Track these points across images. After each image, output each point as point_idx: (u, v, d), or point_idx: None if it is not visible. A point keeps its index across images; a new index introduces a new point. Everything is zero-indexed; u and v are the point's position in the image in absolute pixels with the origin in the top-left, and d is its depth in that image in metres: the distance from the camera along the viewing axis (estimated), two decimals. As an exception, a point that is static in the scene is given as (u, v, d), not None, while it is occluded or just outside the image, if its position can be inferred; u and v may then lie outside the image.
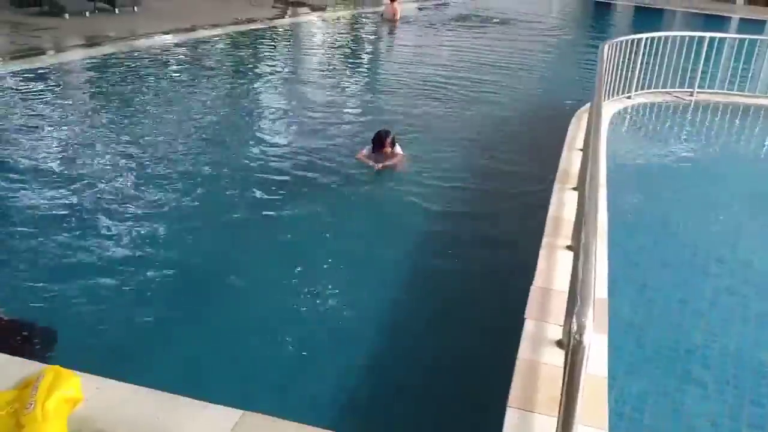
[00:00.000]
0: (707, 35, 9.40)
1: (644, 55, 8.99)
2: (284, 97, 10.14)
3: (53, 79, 10.05)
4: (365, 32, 18.11)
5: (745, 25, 21.96)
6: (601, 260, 4.16)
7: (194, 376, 3.66)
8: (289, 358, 3.90)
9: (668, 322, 4.36)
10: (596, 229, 2.89)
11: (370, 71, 13.09)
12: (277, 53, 13.96)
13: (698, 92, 9.73)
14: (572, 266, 3.25)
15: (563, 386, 2.27)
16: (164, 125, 8.10)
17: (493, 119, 9.16)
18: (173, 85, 10.25)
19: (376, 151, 6.86)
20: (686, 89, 9.74)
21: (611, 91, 8.86)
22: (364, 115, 9.15)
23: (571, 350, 2.17)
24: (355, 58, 14.17)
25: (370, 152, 6.90)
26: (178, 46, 13.01)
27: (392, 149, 6.85)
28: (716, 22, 22.73)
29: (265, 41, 14.74)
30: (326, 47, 15.15)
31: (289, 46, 15.07)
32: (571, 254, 4.14)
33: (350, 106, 9.70)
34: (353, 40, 16.82)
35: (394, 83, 11.35)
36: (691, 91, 9.71)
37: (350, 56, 14.18)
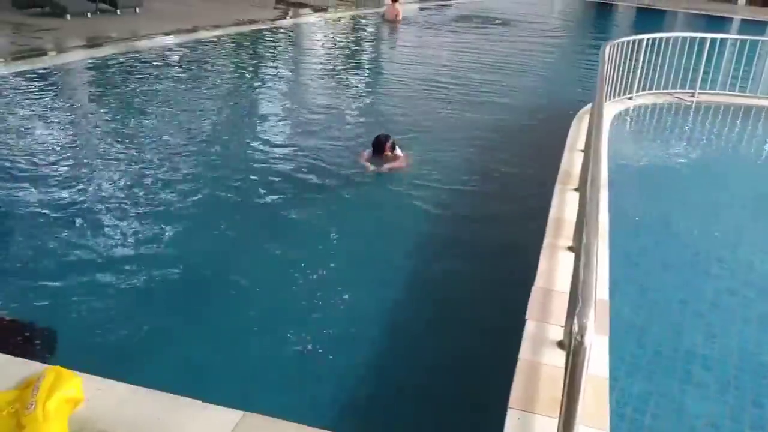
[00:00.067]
0: (709, 36, 9.38)
1: (645, 55, 8.99)
2: (285, 98, 10.15)
3: (55, 79, 10.07)
4: (367, 33, 18.12)
5: (746, 26, 21.96)
6: (602, 261, 4.16)
7: (195, 376, 3.66)
8: (289, 358, 3.90)
9: (669, 323, 4.36)
10: (597, 230, 2.88)
11: (371, 72, 13.10)
12: (278, 54, 13.97)
13: (700, 93, 9.71)
14: (573, 267, 3.25)
15: (564, 387, 2.27)
16: (165, 126, 8.10)
17: (494, 120, 9.16)
18: (174, 86, 10.26)
19: (376, 154, 6.88)
20: (688, 90, 9.73)
21: (612, 92, 8.86)
22: (365, 116, 9.15)
23: (572, 351, 2.17)
24: (356, 59, 14.17)
25: (370, 155, 6.92)
26: (179, 47, 13.03)
27: (392, 153, 6.86)
28: (717, 22, 22.73)
29: (266, 42, 14.75)
30: (328, 48, 15.17)
31: (290, 47, 15.08)
32: (572, 255, 4.14)
33: (351, 107, 9.70)
34: (355, 41, 16.83)
35: (395, 84, 11.35)
36: (692, 92, 9.70)
37: (352, 57, 14.19)
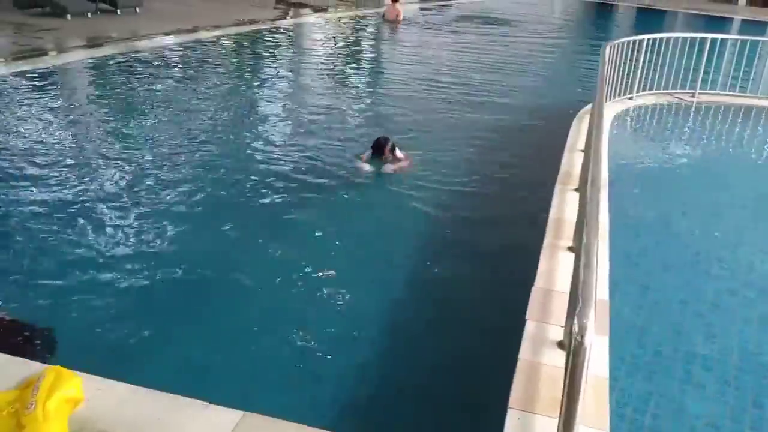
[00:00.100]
0: (709, 36, 9.38)
1: (646, 55, 8.99)
2: (285, 98, 10.15)
3: (55, 79, 10.06)
4: (367, 33, 18.12)
5: (746, 26, 21.97)
6: (602, 261, 4.16)
7: (195, 376, 3.66)
8: (289, 358, 3.90)
9: (669, 323, 4.36)
10: (597, 230, 2.88)
11: (371, 72, 13.09)
12: (278, 55, 13.97)
13: (700, 93, 9.71)
14: (573, 267, 3.25)
15: (564, 387, 2.27)
16: (165, 126, 8.11)
17: (494, 120, 9.16)
18: (175, 86, 10.26)
19: (375, 157, 6.88)
20: (688, 90, 9.73)
21: (613, 92, 8.86)
22: (366, 116, 9.15)
23: (572, 351, 2.17)
24: (357, 59, 14.17)
25: (369, 157, 6.92)
26: (179, 47, 13.03)
27: (392, 155, 6.86)
28: (718, 23, 22.74)
29: (266, 42, 14.76)
30: (328, 49, 15.16)
31: (290, 47, 15.08)
32: (572, 255, 4.14)
33: (352, 107, 9.69)
34: (355, 41, 16.82)
35: (395, 84, 11.35)
36: (693, 92, 9.70)
37: (352, 58, 14.19)
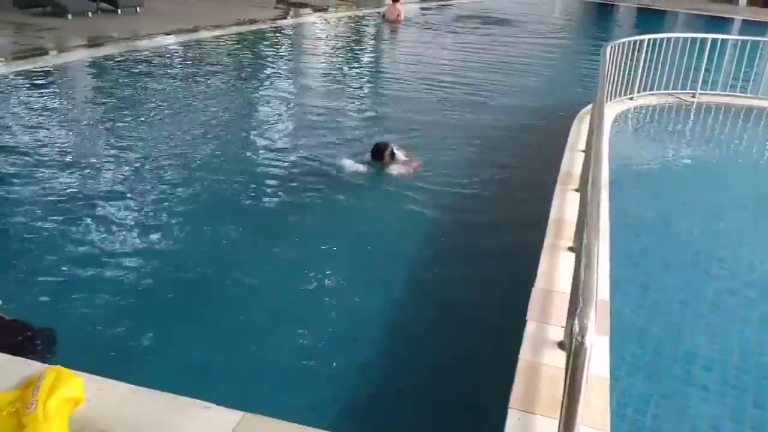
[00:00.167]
0: (710, 37, 9.38)
1: (647, 56, 8.99)
2: (286, 98, 10.14)
3: (56, 79, 10.06)
4: (368, 33, 18.12)
5: (747, 26, 21.96)
6: (602, 262, 4.16)
7: (195, 376, 3.66)
8: (289, 358, 3.90)
9: (670, 323, 4.35)
10: (598, 230, 2.88)
11: (372, 72, 13.08)
12: (279, 54, 13.97)
13: (701, 94, 9.70)
14: (574, 268, 3.25)
15: (565, 388, 2.27)
16: (165, 125, 8.11)
17: (494, 120, 9.16)
18: (175, 85, 10.25)
19: (375, 161, 6.87)
20: (689, 90, 9.72)
21: (614, 92, 8.86)
22: (367, 117, 9.15)
23: (572, 352, 2.16)
24: (358, 59, 14.16)
25: (369, 160, 6.90)
26: (180, 46, 13.03)
27: (392, 159, 6.85)
28: (718, 23, 22.73)
29: (267, 42, 14.76)
30: (329, 48, 15.15)
31: (291, 47, 15.08)
32: (572, 256, 4.14)
33: (353, 107, 9.69)
34: (356, 41, 16.82)
35: (396, 84, 11.35)
36: (693, 92, 9.69)
37: (353, 58, 14.18)
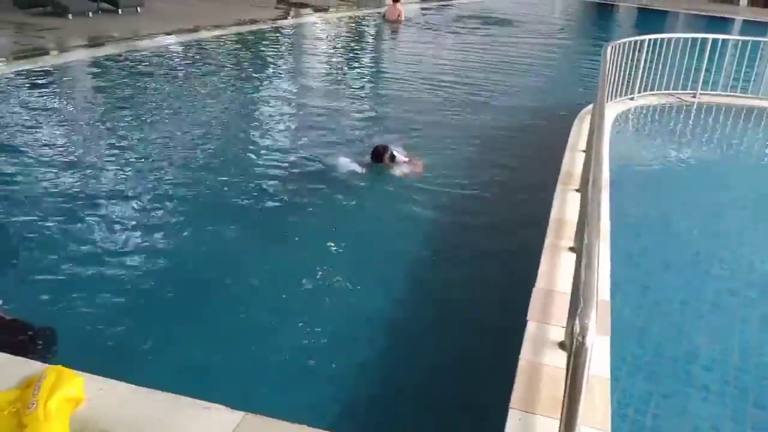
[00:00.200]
0: (710, 37, 9.37)
1: (647, 56, 8.99)
2: (287, 98, 10.14)
3: (56, 79, 10.06)
4: (368, 34, 18.12)
5: (748, 26, 21.96)
6: (603, 262, 4.16)
7: (196, 376, 3.65)
8: (290, 358, 3.89)
9: (671, 323, 4.35)
10: (599, 230, 2.88)
11: (373, 73, 13.08)
12: (280, 54, 13.98)
13: (701, 94, 9.70)
14: (575, 268, 3.25)
15: (566, 388, 2.27)
16: (165, 125, 8.11)
17: (495, 120, 9.16)
18: (175, 86, 10.26)
19: (374, 164, 6.87)
20: (689, 91, 9.72)
21: (614, 92, 8.86)
22: (368, 117, 9.15)
23: (573, 352, 2.16)
24: (358, 60, 14.16)
25: (369, 163, 6.91)
26: (181, 46, 13.03)
27: (391, 162, 6.85)
28: (719, 23, 22.74)
29: (267, 42, 14.76)
30: (329, 49, 15.15)
31: (291, 47, 15.08)
32: (573, 256, 4.14)
33: (353, 108, 9.68)
34: (356, 41, 16.82)
35: (397, 85, 11.35)
36: (694, 92, 9.69)
37: (353, 58, 14.18)
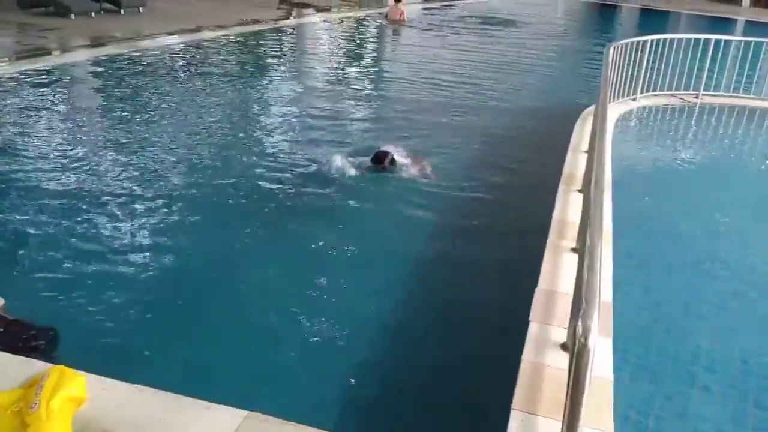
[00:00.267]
0: (713, 37, 9.36)
1: (650, 56, 8.97)
2: (288, 99, 10.14)
3: (59, 79, 10.08)
4: (370, 34, 18.13)
5: (751, 27, 21.94)
6: (605, 263, 4.13)
7: (197, 376, 3.66)
8: (290, 358, 3.89)
9: (673, 325, 4.35)
10: (601, 231, 2.87)
11: (375, 73, 13.08)
12: (282, 55, 13.99)
13: (704, 95, 9.68)
14: (577, 269, 3.24)
15: (568, 389, 2.26)
16: (167, 126, 8.12)
17: (497, 121, 9.16)
18: (178, 86, 10.27)
19: (374, 168, 6.86)
20: (692, 92, 9.69)
21: (616, 93, 8.84)
22: (369, 118, 9.16)
23: (576, 353, 2.16)
24: (360, 60, 14.18)
25: (369, 166, 6.89)
26: (183, 46, 13.05)
27: (392, 166, 6.84)
28: (722, 24, 22.71)
29: (270, 42, 14.77)
30: (332, 49, 15.17)
31: (294, 47, 15.09)
32: (575, 257, 4.13)
33: (355, 109, 9.69)
34: (359, 42, 16.83)
35: (399, 85, 11.36)
36: (696, 93, 9.67)
37: (356, 59, 14.19)
